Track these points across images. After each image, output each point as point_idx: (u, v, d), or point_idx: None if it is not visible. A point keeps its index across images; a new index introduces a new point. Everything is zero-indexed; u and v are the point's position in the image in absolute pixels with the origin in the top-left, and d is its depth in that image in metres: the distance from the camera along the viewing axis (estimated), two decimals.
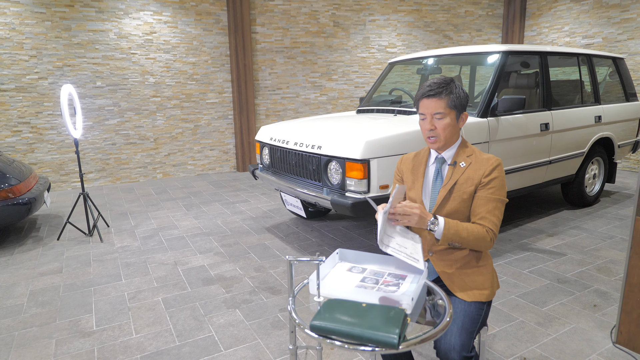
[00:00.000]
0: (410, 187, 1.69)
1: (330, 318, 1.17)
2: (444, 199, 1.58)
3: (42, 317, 2.64)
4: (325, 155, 3.08)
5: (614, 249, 3.53)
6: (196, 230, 4.20)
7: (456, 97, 1.54)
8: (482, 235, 1.49)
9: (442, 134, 1.56)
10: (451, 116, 1.55)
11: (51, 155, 5.89)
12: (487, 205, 1.52)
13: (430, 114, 1.55)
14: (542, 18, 7.55)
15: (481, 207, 1.53)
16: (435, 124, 1.56)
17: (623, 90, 4.80)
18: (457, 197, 1.56)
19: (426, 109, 1.56)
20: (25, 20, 5.46)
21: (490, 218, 1.51)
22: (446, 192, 1.57)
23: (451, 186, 1.57)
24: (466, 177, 1.56)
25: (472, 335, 1.50)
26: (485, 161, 1.56)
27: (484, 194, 1.53)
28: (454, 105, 1.55)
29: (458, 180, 1.57)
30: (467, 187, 1.55)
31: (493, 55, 3.64)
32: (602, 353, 2.18)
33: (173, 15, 6.24)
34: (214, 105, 6.77)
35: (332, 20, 7.18)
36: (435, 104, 1.54)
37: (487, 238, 1.49)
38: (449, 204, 1.57)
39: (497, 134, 3.45)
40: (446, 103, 1.54)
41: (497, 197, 1.53)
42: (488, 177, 1.53)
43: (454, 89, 1.55)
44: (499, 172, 1.54)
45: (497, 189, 1.53)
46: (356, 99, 7.64)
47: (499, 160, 1.56)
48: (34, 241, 3.97)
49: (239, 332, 2.44)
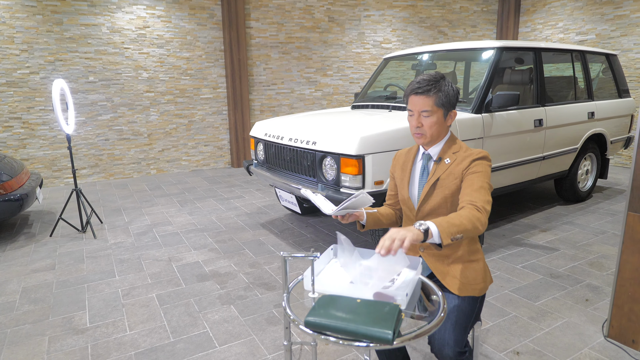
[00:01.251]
0: (400, 183, 1.71)
1: (324, 314, 1.17)
2: (427, 194, 1.59)
3: (34, 314, 2.62)
4: (320, 151, 3.07)
5: (606, 244, 3.56)
6: (190, 226, 4.18)
7: (444, 95, 1.53)
8: (473, 214, 1.37)
9: (428, 131, 1.56)
10: (438, 114, 1.55)
11: (43, 151, 5.83)
12: (471, 187, 1.48)
13: (418, 111, 1.55)
14: (537, 14, 7.57)
15: (466, 190, 1.49)
16: (422, 121, 1.56)
17: (616, 87, 4.83)
18: (440, 193, 1.57)
19: (414, 105, 1.56)
20: (16, 13, 5.38)
21: (477, 196, 1.44)
22: (429, 187, 1.59)
23: (434, 181, 1.58)
24: (449, 173, 1.56)
25: (465, 331, 1.51)
26: (468, 156, 1.56)
27: (468, 179, 1.51)
28: (441, 104, 1.54)
29: (441, 176, 1.57)
30: (450, 182, 1.55)
31: (487, 51, 3.65)
32: (594, 347, 2.20)
33: (166, 9, 6.18)
34: (208, 100, 6.73)
35: (327, 16, 7.15)
36: (423, 101, 1.53)
37: (478, 214, 1.38)
38: (431, 199, 1.59)
39: (491, 129, 3.46)
40: (434, 101, 1.53)
41: (483, 179, 1.49)
42: (470, 167, 1.52)
43: (443, 87, 1.53)
44: (483, 162, 1.53)
45: (482, 173, 1.50)
46: (351, 95, 7.63)
47: (485, 152, 1.56)
48: (26, 238, 3.93)
49: (233, 328, 2.44)
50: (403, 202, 1.70)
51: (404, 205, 1.70)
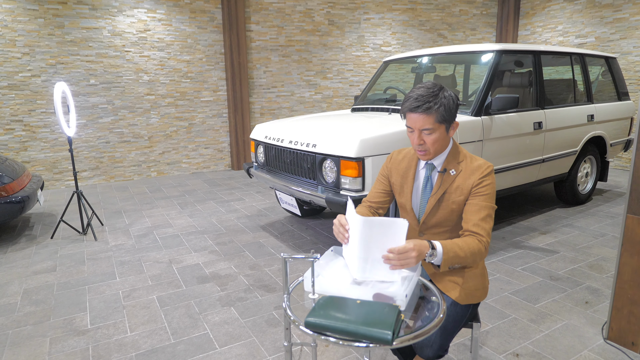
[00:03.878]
0: (399, 191, 1.65)
1: (324, 315, 1.18)
2: (434, 208, 1.54)
3: (36, 315, 2.63)
4: (320, 154, 3.08)
5: (605, 246, 3.56)
6: (191, 228, 4.19)
7: (445, 110, 1.44)
8: (478, 249, 1.43)
9: (431, 148, 1.49)
10: (440, 130, 1.47)
11: (44, 154, 5.85)
12: (479, 212, 1.47)
13: (418, 129, 1.46)
14: (536, 17, 7.60)
15: (473, 215, 1.47)
16: (424, 139, 1.48)
17: (615, 90, 4.84)
18: (447, 207, 1.52)
19: (414, 123, 1.46)
20: (18, 17, 5.41)
21: (483, 226, 1.46)
22: (435, 201, 1.53)
23: (441, 195, 1.53)
24: (456, 186, 1.51)
25: (451, 337, 1.51)
26: (476, 169, 1.50)
27: (476, 201, 1.48)
28: (443, 119, 1.45)
29: (447, 189, 1.52)
30: (457, 197, 1.51)
31: (487, 54, 3.67)
32: (593, 349, 2.21)
33: (167, 12, 6.21)
34: (209, 103, 6.75)
35: (327, 19, 7.18)
36: (423, 120, 1.43)
37: (482, 249, 1.44)
38: (438, 213, 1.54)
39: (491, 132, 3.47)
40: (435, 118, 1.43)
41: (489, 204, 1.48)
42: (479, 185, 1.48)
43: (443, 100, 1.43)
44: (491, 179, 1.49)
45: (488, 196, 1.48)
46: (351, 98, 7.65)
47: (491, 166, 1.51)
48: (28, 240, 3.94)
49: (234, 330, 2.44)
50: (403, 210, 1.66)
51: (404, 213, 1.66)
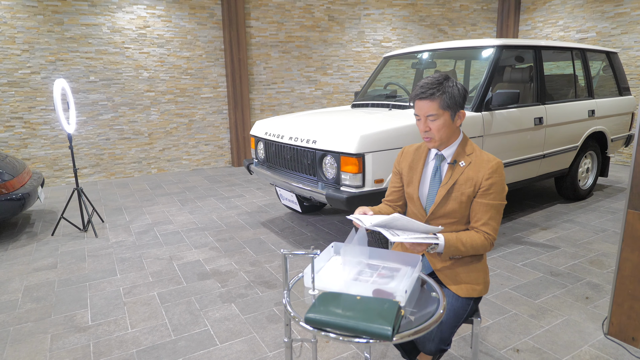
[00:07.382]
0: (408, 182, 1.67)
1: (325, 311, 1.18)
2: (443, 199, 1.56)
3: (37, 312, 2.64)
4: (320, 150, 3.08)
5: (606, 242, 3.56)
6: (191, 225, 4.19)
7: (449, 97, 1.49)
8: (481, 243, 1.51)
9: (436, 134, 1.53)
10: (445, 117, 1.51)
11: (44, 151, 5.84)
12: (488, 211, 1.52)
13: (424, 116, 1.52)
14: (537, 12, 7.56)
15: (482, 214, 1.52)
16: (429, 125, 1.53)
17: (616, 85, 4.83)
18: (456, 198, 1.54)
19: (419, 110, 1.53)
20: (17, 14, 5.39)
21: (491, 224, 1.52)
22: (445, 191, 1.55)
23: (451, 186, 1.55)
24: (466, 178, 1.54)
25: (453, 330, 1.52)
26: (485, 163, 1.53)
27: (485, 200, 1.51)
28: (447, 106, 1.50)
29: (458, 180, 1.54)
30: (466, 189, 1.53)
31: (487, 49, 3.65)
32: (594, 344, 2.21)
33: (167, 9, 6.19)
34: (209, 99, 6.74)
35: (327, 15, 7.15)
36: (428, 105, 1.50)
37: (487, 244, 1.52)
38: (448, 204, 1.56)
39: (492, 128, 3.46)
40: (439, 104, 1.49)
41: (497, 202, 1.52)
42: (488, 181, 1.51)
43: (447, 88, 1.49)
44: (500, 176, 1.52)
45: (497, 193, 1.52)
46: (351, 94, 7.63)
47: (500, 162, 1.54)
48: (28, 237, 3.95)
49: (234, 326, 2.45)
50: (410, 201, 1.68)
51: (411, 203, 1.67)
